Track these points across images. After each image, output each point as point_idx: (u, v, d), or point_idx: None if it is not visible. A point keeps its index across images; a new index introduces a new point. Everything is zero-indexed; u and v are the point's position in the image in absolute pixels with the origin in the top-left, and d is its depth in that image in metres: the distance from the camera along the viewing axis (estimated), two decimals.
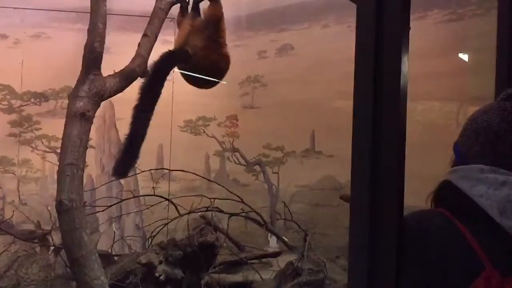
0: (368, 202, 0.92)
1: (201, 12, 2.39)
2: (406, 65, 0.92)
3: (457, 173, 1.02)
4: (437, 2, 2.95)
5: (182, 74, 2.38)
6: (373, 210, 0.92)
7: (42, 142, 3.88)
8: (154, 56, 2.50)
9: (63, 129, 2.00)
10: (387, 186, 0.92)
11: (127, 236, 3.52)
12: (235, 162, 4.01)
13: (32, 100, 3.88)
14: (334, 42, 3.50)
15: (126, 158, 2.02)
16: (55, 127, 3.86)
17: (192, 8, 2.36)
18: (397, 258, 0.90)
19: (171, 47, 3.57)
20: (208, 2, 2.32)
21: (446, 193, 1.04)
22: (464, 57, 2.91)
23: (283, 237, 3.17)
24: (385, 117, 0.91)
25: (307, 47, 3.69)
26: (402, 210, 0.93)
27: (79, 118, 1.97)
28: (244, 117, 4.01)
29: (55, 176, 3.83)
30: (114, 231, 3.17)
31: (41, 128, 3.89)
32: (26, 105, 3.88)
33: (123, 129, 4.02)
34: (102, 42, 2.04)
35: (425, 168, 2.53)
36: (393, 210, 0.92)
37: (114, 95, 2.18)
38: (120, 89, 2.17)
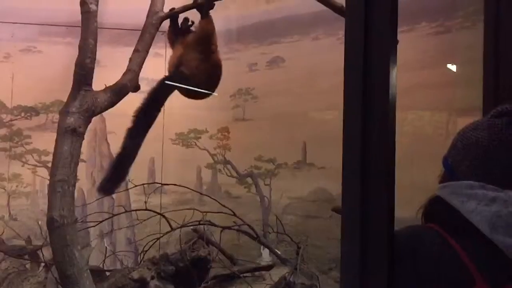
0: (359, 215, 0.93)
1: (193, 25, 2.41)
2: (395, 77, 0.94)
3: (448, 189, 1.03)
4: (425, 15, 2.99)
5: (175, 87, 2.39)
6: (364, 223, 0.93)
7: (33, 157, 3.85)
8: (145, 70, 2.52)
9: (54, 145, 1.99)
10: (377, 198, 0.93)
11: (119, 251, 3.50)
12: (227, 175, 4.01)
13: (23, 114, 3.87)
14: (324, 54, 3.52)
15: (113, 177, 2.03)
16: (45, 141, 3.84)
17: (183, 22, 2.39)
18: (388, 273, 0.91)
19: (162, 60, 3.60)
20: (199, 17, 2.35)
21: (436, 208, 1.05)
22: (452, 68, 2.95)
23: (276, 250, 3.16)
24: (375, 129, 0.92)
25: (297, 59, 3.72)
26: (393, 223, 0.94)
27: (70, 134, 1.97)
28: (235, 130, 4.02)
29: (46, 191, 3.83)
30: (106, 247, 3.15)
31: (31, 142, 3.87)
32: (16, 119, 3.86)
33: (115, 143, 4.04)
34: (93, 58, 2.04)
35: (415, 177, 2.55)
36: (384, 223, 0.93)
37: (106, 110, 2.19)
38: (111, 104, 2.17)
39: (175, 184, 3.17)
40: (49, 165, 3.78)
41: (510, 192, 0.93)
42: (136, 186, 2.99)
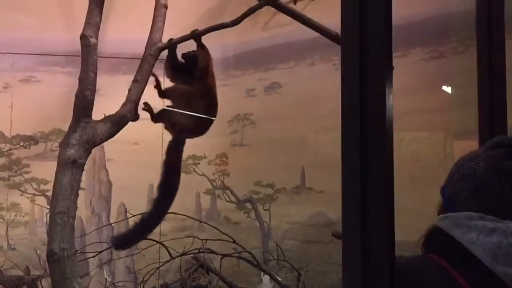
0: (359, 242, 0.94)
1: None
2: (391, 100, 0.95)
3: (447, 220, 1.05)
4: (419, 41, 3.05)
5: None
6: (364, 250, 0.93)
7: (32, 185, 3.85)
8: (143, 97, 2.54)
9: (54, 176, 2.00)
10: (377, 224, 0.93)
11: (118, 282, 3.47)
12: (226, 200, 4.01)
13: (22, 143, 3.88)
14: (320, 80, 3.57)
15: (132, 237, 2.04)
16: (44, 170, 3.84)
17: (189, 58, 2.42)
18: None
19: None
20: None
21: (437, 239, 1.06)
22: (448, 92, 2.99)
23: (277, 277, 3.14)
24: (372, 152, 0.94)
25: (294, 85, 3.76)
26: (394, 249, 0.94)
27: (71, 166, 1.98)
28: (234, 155, 4.03)
29: (44, 220, 3.83)
30: (106, 278, 3.12)
31: (30, 171, 3.87)
32: (15, 148, 3.87)
33: (113, 170, 4.04)
34: (93, 90, 2.07)
35: (414, 201, 2.56)
36: (385, 251, 0.93)
37: (105, 141, 2.21)
38: (111, 135, 2.19)
39: (174, 213, 3.16)
40: (48, 193, 3.80)
41: (509, 223, 0.94)
42: (134, 215, 2.98)
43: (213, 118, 2.49)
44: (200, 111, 2.34)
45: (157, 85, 2.50)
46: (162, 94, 2.49)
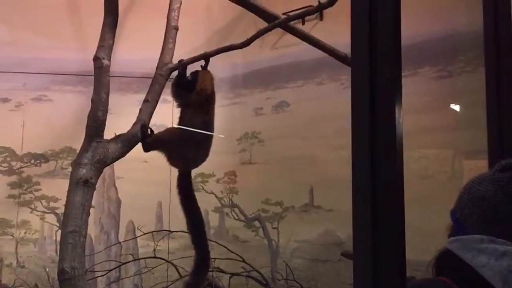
0: (370, 262, 0.94)
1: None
2: (401, 118, 0.96)
3: (458, 243, 1.05)
4: (427, 61, 3.06)
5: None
6: (375, 270, 0.93)
7: (41, 203, 3.88)
8: (153, 116, 2.57)
9: (66, 196, 2.02)
10: (388, 243, 0.93)
11: None
12: (234, 218, 4.01)
13: (32, 161, 3.92)
14: (328, 99, 3.59)
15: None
16: (54, 187, 3.88)
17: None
18: None
19: (169, 106, 3.68)
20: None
21: (447, 262, 1.06)
22: (456, 111, 3.00)
23: None
24: (383, 171, 0.94)
25: (302, 103, 3.78)
26: (405, 269, 0.94)
27: (82, 185, 2.01)
28: (242, 173, 4.04)
29: (54, 237, 3.85)
30: None
31: (40, 189, 3.90)
32: (26, 166, 3.91)
33: (123, 188, 4.06)
34: (105, 110, 2.10)
35: (422, 219, 2.55)
36: (396, 270, 0.93)
37: (116, 160, 2.23)
38: (122, 154, 2.21)
39: (183, 231, 3.17)
40: (58, 211, 3.83)
41: None
42: (144, 234, 3.00)
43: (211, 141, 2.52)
44: (196, 138, 2.37)
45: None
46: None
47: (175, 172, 3.97)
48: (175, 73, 2.59)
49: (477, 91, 2.55)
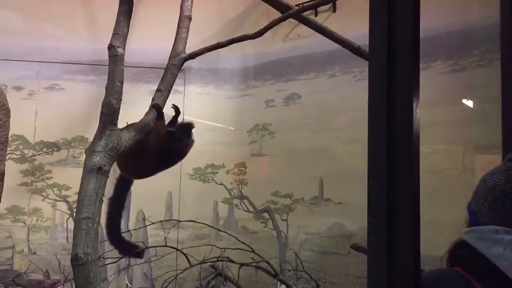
0: (385, 255, 0.94)
1: None
2: (418, 113, 0.96)
3: (473, 234, 1.05)
4: (440, 54, 3.04)
5: None
6: (389, 263, 0.94)
7: (53, 191, 3.92)
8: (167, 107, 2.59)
9: (80, 183, 2.03)
10: (403, 237, 0.94)
11: None
12: (243, 209, 4.03)
13: (45, 149, 3.96)
14: (340, 92, 3.58)
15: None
16: (66, 176, 3.92)
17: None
18: None
19: (180, 96, 3.68)
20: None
21: (462, 253, 1.07)
22: (469, 106, 2.97)
23: (294, 287, 3.14)
24: (399, 164, 0.95)
25: (313, 96, 3.77)
26: (419, 262, 0.95)
27: (96, 173, 2.01)
28: (252, 165, 4.05)
29: (65, 225, 3.88)
30: (127, 284, 3.15)
31: (52, 177, 3.95)
32: (38, 154, 3.94)
33: None
34: (119, 98, 2.11)
35: (433, 213, 2.54)
36: (410, 263, 0.93)
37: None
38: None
39: (192, 221, 3.19)
40: (69, 199, 3.86)
41: None
42: (153, 223, 3.02)
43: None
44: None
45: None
46: None
47: (186, 162, 4.01)
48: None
49: (491, 85, 2.53)
